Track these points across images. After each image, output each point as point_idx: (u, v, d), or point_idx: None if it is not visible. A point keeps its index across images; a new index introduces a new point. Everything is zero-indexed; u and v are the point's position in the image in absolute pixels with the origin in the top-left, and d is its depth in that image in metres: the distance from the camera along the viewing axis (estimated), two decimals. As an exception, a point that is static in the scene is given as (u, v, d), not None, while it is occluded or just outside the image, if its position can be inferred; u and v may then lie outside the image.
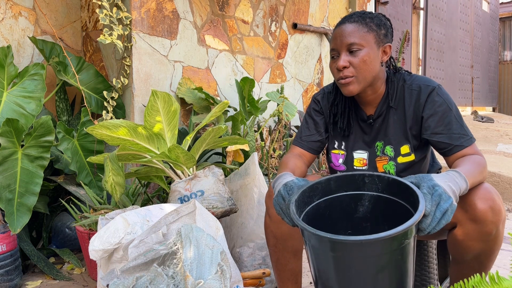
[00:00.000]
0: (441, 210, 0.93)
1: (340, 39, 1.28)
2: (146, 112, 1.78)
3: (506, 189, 3.33)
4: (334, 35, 1.31)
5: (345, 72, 1.27)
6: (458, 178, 1.03)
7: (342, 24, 1.30)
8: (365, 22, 1.27)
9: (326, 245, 0.91)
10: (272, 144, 2.50)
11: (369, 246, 0.87)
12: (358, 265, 0.90)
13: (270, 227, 1.34)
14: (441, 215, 0.93)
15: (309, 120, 1.48)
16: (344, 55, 1.27)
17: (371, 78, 1.30)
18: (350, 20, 1.29)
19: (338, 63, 1.27)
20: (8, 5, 2.26)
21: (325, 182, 1.10)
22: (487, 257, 1.16)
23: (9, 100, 2.02)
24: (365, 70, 1.27)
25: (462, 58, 8.03)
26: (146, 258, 1.25)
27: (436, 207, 0.93)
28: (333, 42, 1.30)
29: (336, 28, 1.31)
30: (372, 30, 1.27)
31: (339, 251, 0.90)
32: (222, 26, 2.80)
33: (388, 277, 0.92)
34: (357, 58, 1.26)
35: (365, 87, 1.30)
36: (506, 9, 10.65)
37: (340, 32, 1.28)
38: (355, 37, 1.26)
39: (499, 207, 1.10)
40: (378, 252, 0.88)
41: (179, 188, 1.79)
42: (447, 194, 0.95)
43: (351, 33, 1.26)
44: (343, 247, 0.89)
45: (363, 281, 0.92)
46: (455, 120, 1.26)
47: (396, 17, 5.24)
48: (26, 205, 1.81)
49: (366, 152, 1.40)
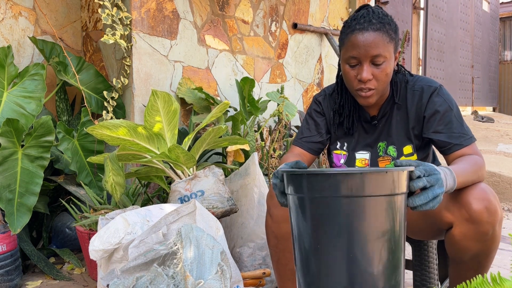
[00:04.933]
0: (433, 193, 0.92)
1: (364, 49, 1.21)
2: (146, 112, 1.78)
3: (506, 189, 3.33)
4: (355, 41, 1.22)
5: (368, 85, 1.24)
6: (448, 175, 1.03)
7: (365, 30, 1.22)
8: (386, 30, 1.22)
9: (304, 185, 0.87)
10: (272, 144, 2.50)
11: (350, 182, 0.82)
12: (337, 210, 0.84)
13: (271, 227, 1.34)
14: (432, 197, 0.92)
15: (309, 121, 1.48)
16: (367, 66, 1.23)
17: (386, 87, 1.31)
18: (372, 26, 1.21)
19: (362, 74, 1.22)
20: (8, 5, 2.26)
21: None
22: (485, 257, 1.16)
23: (9, 100, 2.02)
24: (385, 82, 1.26)
25: (463, 58, 8.03)
26: (146, 258, 1.25)
27: (430, 187, 0.93)
28: (355, 50, 1.23)
29: (356, 32, 1.23)
30: (392, 39, 1.24)
31: (324, 189, 0.85)
32: (222, 26, 2.80)
33: (370, 230, 0.84)
34: (380, 70, 1.23)
35: (380, 96, 1.32)
36: (506, 9, 10.65)
37: (364, 40, 1.21)
38: (380, 48, 1.21)
39: (495, 207, 1.10)
40: (360, 191, 0.83)
41: (179, 188, 1.79)
42: (443, 182, 0.95)
43: (377, 44, 1.21)
44: (325, 182, 0.84)
45: (346, 232, 0.84)
46: (455, 120, 1.27)
47: (396, 17, 5.25)
48: (26, 205, 1.81)
49: (368, 153, 1.40)
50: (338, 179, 0.84)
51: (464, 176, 1.09)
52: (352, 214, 0.84)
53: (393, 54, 1.26)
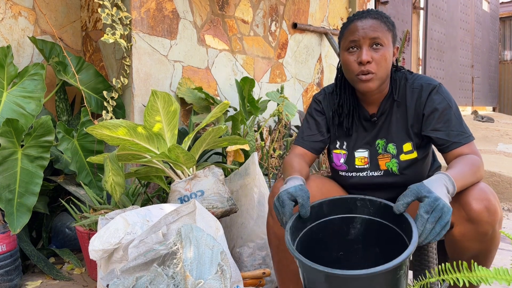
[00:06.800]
0: (441, 224, 0.95)
1: (363, 32, 1.24)
2: (146, 112, 1.78)
3: (506, 189, 3.32)
4: (354, 27, 1.26)
5: (368, 67, 1.24)
6: (447, 182, 1.05)
7: (363, 18, 1.26)
8: (384, 21, 1.27)
9: (321, 277, 0.93)
10: (272, 144, 2.50)
11: (364, 280, 0.88)
12: None
13: (272, 228, 1.33)
14: (440, 229, 0.95)
15: (310, 120, 1.48)
16: (367, 48, 1.25)
17: (386, 76, 1.30)
18: (370, 15, 1.26)
19: (361, 56, 1.24)
20: (8, 5, 2.26)
21: (317, 206, 1.14)
22: (485, 257, 1.16)
23: (9, 100, 2.02)
24: (384, 68, 1.26)
25: (463, 58, 8.03)
26: (146, 258, 1.25)
27: (437, 222, 0.95)
28: (354, 34, 1.26)
29: (355, 20, 1.27)
30: (390, 29, 1.27)
31: (334, 283, 0.92)
32: (222, 26, 2.79)
33: None
34: (379, 55, 1.25)
35: (380, 85, 1.30)
36: (506, 8, 10.64)
37: (363, 25, 1.25)
38: (378, 32, 1.24)
39: (494, 207, 1.10)
40: (373, 284, 0.90)
41: (179, 188, 1.79)
42: (448, 206, 0.97)
43: (376, 28, 1.24)
44: (337, 280, 0.91)
45: None
46: (454, 118, 1.27)
47: (396, 17, 5.24)
48: (26, 205, 1.81)
49: (367, 151, 1.40)
50: (360, 278, 0.88)
51: (462, 180, 1.10)
52: None
53: (391, 44, 1.28)
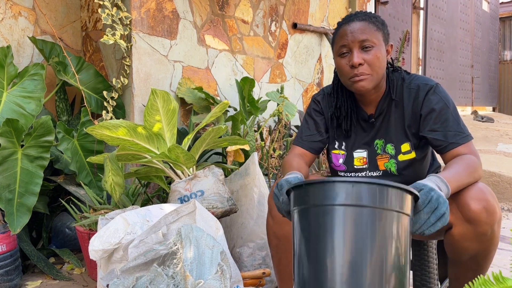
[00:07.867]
0: (436, 215, 0.94)
1: (352, 35, 1.26)
2: (146, 112, 1.78)
3: (506, 189, 3.32)
4: (343, 32, 1.28)
5: (361, 70, 1.26)
6: (440, 183, 1.04)
7: (351, 21, 1.28)
8: (372, 21, 1.28)
9: (317, 195, 0.89)
10: (272, 144, 2.50)
11: (355, 192, 0.85)
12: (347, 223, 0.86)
13: (272, 228, 1.33)
14: (435, 220, 0.94)
15: (309, 121, 1.48)
16: (357, 51, 1.26)
17: (381, 76, 1.31)
18: (357, 18, 1.28)
19: (353, 60, 1.25)
20: (8, 5, 2.26)
21: None
22: (484, 257, 1.16)
23: (9, 100, 2.02)
24: (378, 67, 1.27)
25: (462, 58, 8.03)
26: (146, 258, 1.25)
27: (432, 213, 0.94)
28: (344, 39, 1.27)
29: (343, 25, 1.29)
30: (379, 29, 1.28)
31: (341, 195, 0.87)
32: (222, 26, 2.80)
33: (378, 250, 0.85)
34: (370, 55, 1.25)
35: (376, 85, 1.31)
36: (506, 8, 10.64)
37: (351, 29, 1.26)
38: (367, 34, 1.25)
39: (493, 207, 1.10)
40: (367, 202, 0.85)
41: (179, 188, 1.79)
42: (443, 197, 0.96)
43: (363, 30, 1.26)
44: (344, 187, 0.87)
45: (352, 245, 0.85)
46: (451, 118, 1.26)
47: (396, 17, 5.24)
48: (26, 205, 1.81)
49: (366, 151, 1.40)
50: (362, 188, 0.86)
51: (457, 181, 1.10)
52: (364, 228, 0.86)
53: (383, 42, 1.29)
